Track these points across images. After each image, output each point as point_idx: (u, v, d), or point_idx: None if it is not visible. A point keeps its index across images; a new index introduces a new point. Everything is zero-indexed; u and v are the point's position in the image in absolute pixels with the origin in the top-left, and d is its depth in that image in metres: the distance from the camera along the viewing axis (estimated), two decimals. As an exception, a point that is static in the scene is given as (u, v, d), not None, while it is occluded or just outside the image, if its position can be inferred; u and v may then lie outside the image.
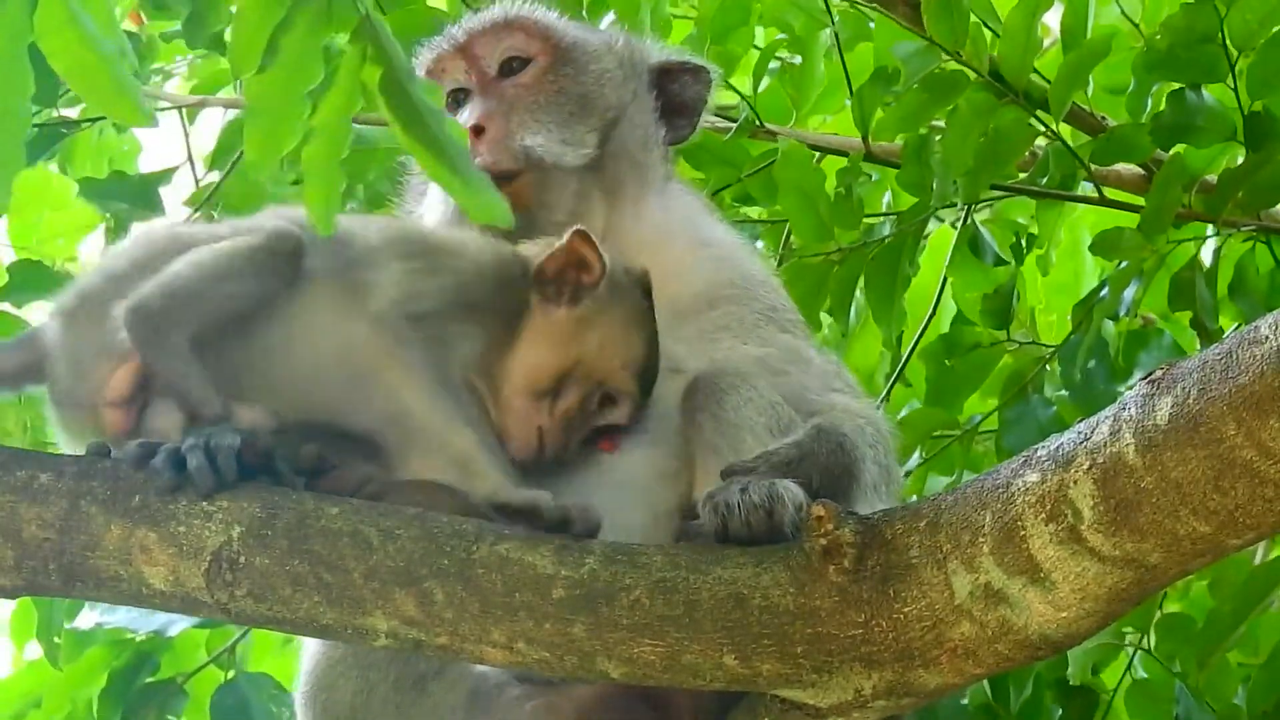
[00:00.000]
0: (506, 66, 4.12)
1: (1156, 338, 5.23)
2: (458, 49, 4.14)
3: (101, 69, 3.16)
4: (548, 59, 4.12)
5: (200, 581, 3.44)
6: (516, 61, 4.12)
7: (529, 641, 3.38)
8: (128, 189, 5.54)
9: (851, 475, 3.69)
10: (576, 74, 4.12)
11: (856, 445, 3.72)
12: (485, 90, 4.09)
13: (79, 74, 3.19)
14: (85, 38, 3.13)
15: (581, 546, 3.43)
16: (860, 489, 3.71)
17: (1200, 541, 3.21)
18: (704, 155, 5.39)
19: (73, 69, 3.19)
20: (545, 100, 4.07)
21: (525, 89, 4.08)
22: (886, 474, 3.86)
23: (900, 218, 5.30)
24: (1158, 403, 3.18)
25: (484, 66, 4.12)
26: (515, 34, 4.14)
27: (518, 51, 4.13)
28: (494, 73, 4.12)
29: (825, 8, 5.41)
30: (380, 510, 3.47)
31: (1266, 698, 4.88)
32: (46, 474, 3.49)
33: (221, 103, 5.95)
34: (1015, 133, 5.13)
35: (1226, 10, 4.93)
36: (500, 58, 4.12)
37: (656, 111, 4.21)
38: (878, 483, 3.79)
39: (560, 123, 4.05)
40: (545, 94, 4.08)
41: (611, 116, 4.12)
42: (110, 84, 3.16)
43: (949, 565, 3.31)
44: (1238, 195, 5.04)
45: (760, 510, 3.43)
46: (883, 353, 5.62)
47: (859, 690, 3.38)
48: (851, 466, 3.69)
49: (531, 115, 4.04)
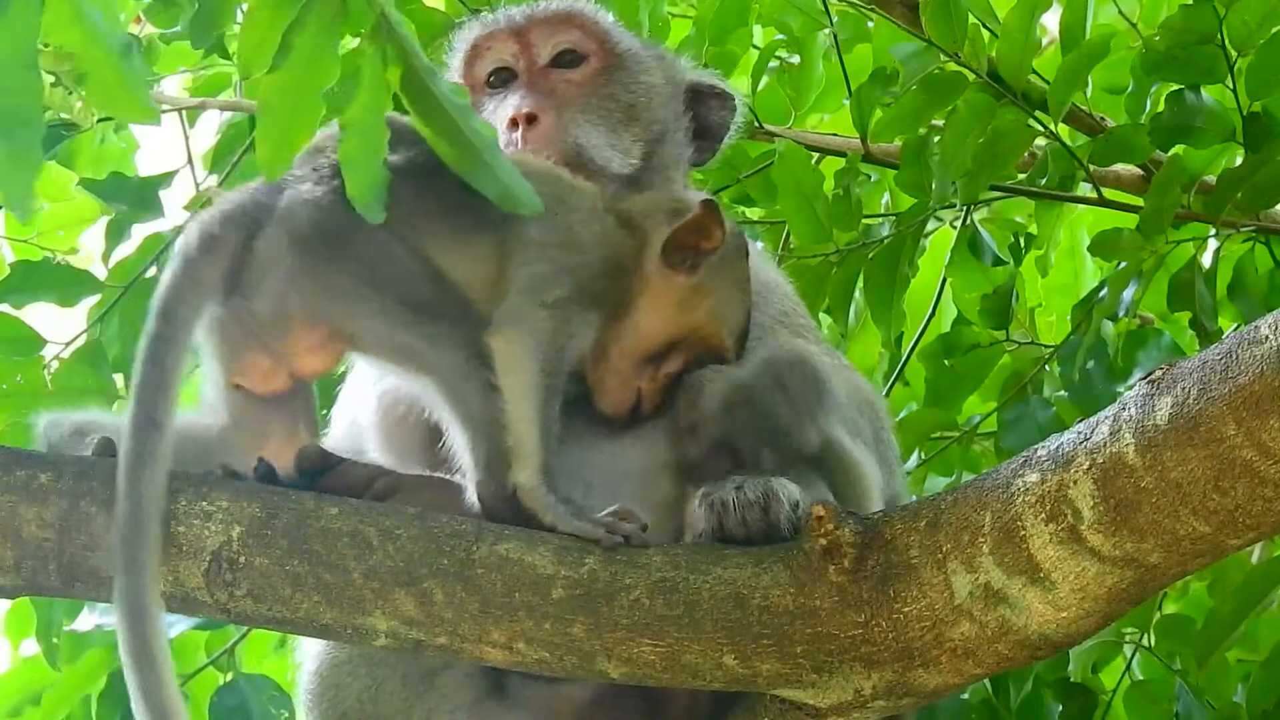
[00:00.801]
0: (559, 59, 4.11)
1: (1156, 338, 5.22)
2: (513, 30, 4.13)
3: (108, 66, 3.15)
4: (601, 61, 4.13)
5: (200, 581, 3.44)
6: (570, 56, 4.11)
7: (529, 641, 3.38)
8: (127, 191, 5.53)
9: (820, 398, 3.69)
10: (628, 82, 4.13)
11: (829, 377, 3.74)
12: (533, 78, 4.09)
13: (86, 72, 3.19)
14: (93, 35, 3.13)
15: (581, 546, 3.43)
16: (827, 416, 3.70)
17: (1200, 541, 3.21)
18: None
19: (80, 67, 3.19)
20: (597, 102, 4.07)
21: (576, 86, 4.08)
22: (878, 440, 3.86)
23: (899, 218, 5.30)
24: (1157, 403, 3.19)
25: (535, 54, 4.11)
26: (574, 29, 4.14)
27: (574, 46, 4.12)
28: (545, 62, 4.11)
29: (824, 8, 5.40)
30: (380, 510, 3.48)
31: (1266, 696, 4.88)
32: (46, 474, 3.49)
33: (221, 105, 5.95)
34: (1014, 133, 5.13)
35: (1226, 11, 4.92)
36: (555, 49, 4.11)
37: (689, 132, 4.23)
38: (861, 429, 3.78)
39: (610, 128, 4.05)
40: (597, 96, 4.08)
41: (657, 131, 4.13)
42: (117, 81, 3.16)
43: (949, 565, 3.32)
44: (1237, 196, 5.03)
45: (756, 507, 3.44)
46: (882, 353, 5.62)
47: (859, 690, 3.39)
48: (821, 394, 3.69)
49: (583, 115, 4.04)
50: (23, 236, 5.84)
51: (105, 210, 5.59)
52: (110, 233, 5.56)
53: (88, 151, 5.99)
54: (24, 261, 5.55)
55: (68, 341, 5.36)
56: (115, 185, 5.56)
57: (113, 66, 3.15)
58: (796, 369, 3.69)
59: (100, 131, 5.95)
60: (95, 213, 5.70)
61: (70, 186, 5.72)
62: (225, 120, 5.90)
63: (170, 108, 5.89)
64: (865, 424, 3.86)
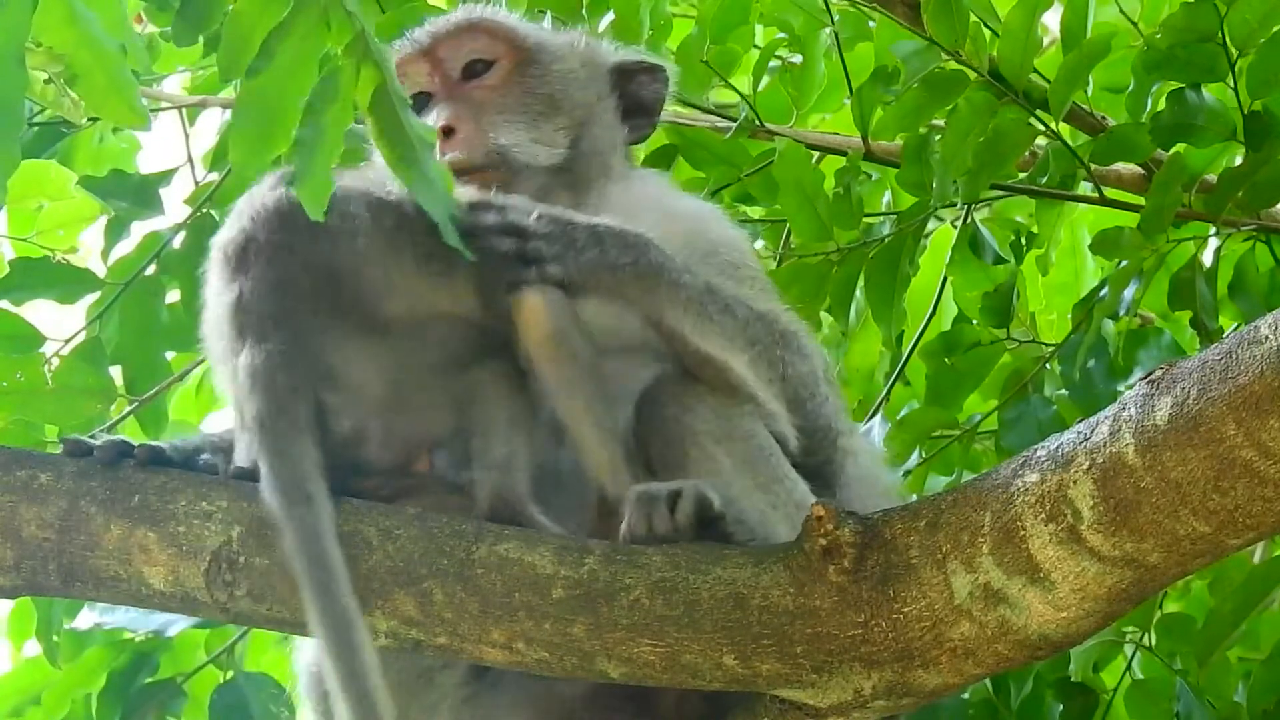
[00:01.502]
0: (470, 69, 4.10)
1: (1156, 337, 5.22)
2: (421, 52, 4.12)
3: (98, 69, 3.15)
4: (511, 61, 4.11)
5: (200, 581, 3.44)
6: (480, 64, 4.10)
7: (528, 641, 3.38)
8: (127, 189, 5.53)
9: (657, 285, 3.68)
10: (542, 75, 4.12)
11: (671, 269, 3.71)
12: (450, 93, 4.08)
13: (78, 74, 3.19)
14: (84, 37, 3.13)
15: (581, 546, 3.43)
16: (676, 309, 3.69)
17: (1200, 541, 3.21)
18: (704, 155, 5.39)
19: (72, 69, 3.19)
20: (513, 101, 4.07)
21: (491, 91, 4.08)
22: (771, 361, 3.78)
23: (900, 217, 5.29)
24: (1157, 403, 3.18)
25: (448, 70, 4.10)
26: (479, 36, 4.12)
27: (481, 54, 4.11)
28: (458, 76, 4.10)
29: (825, 7, 5.40)
30: (380, 510, 3.48)
31: (1267, 695, 4.88)
32: (46, 474, 3.49)
33: (221, 103, 5.95)
34: (1015, 132, 5.12)
35: (1226, 10, 4.92)
36: (464, 60, 4.10)
37: (618, 111, 4.21)
38: (734, 337, 3.73)
39: (530, 123, 4.05)
40: (512, 95, 4.07)
41: (580, 116, 4.12)
42: (108, 85, 3.16)
43: (948, 565, 3.31)
44: (1237, 195, 5.03)
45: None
46: (882, 352, 5.62)
47: (858, 690, 3.38)
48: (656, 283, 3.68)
49: (501, 116, 4.04)
50: (22, 234, 5.83)
51: (105, 208, 5.59)
52: (110, 231, 5.56)
53: (87, 150, 5.99)
54: (24, 259, 5.55)
55: (67, 339, 5.37)
56: (115, 183, 5.56)
57: (104, 70, 3.16)
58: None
59: (99, 130, 5.95)
60: (95, 211, 5.69)
61: (70, 185, 5.71)
62: (225, 118, 5.90)
63: (170, 106, 5.89)
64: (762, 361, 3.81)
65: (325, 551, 3.30)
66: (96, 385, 5.28)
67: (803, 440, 3.78)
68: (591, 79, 4.18)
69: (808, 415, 3.80)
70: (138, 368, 5.37)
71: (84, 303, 5.41)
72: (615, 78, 4.22)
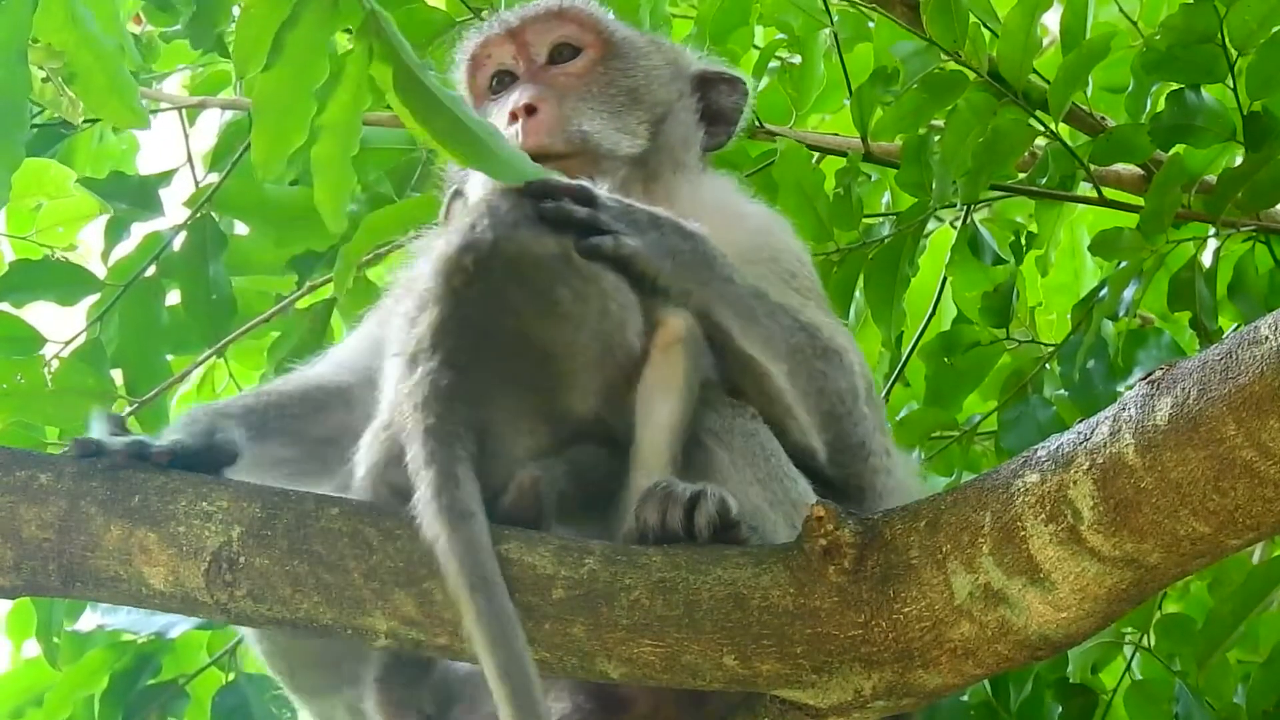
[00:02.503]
0: (556, 54, 4.17)
1: (1156, 338, 5.22)
2: (508, 33, 4.19)
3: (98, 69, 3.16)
4: (598, 51, 4.18)
5: (200, 582, 3.44)
6: (567, 50, 4.17)
7: (529, 642, 3.38)
8: (127, 190, 5.54)
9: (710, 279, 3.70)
10: (626, 68, 4.18)
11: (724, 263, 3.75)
12: (533, 76, 4.14)
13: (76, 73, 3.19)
14: (84, 38, 3.14)
15: (581, 546, 3.43)
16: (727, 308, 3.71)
17: (1200, 542, 3.21)
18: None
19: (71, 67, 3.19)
20: (597, 90, 4.12)
21: (575, 78, 4.14)
22: (811, 374, 3.80)
23: (900, 217, 5.30)
24: (1157, 403, 3.18)
25: (533, 53, 4.17)
26: (568, 24, 4.19)
27: (569, 39, 4.18)
28: (543, 60, 4.17)
29: (824, 8, 5.41)
30: (380, 510, 3.48)
31: (1266, 697, 4.88)
32: (46, 474, 3.49)
33: (221, 103, 5.95)
34: (1014, 133, 5.13)
35: (1226, 10, 4.92)
36: (551, 45, 4.17)
37: (698, 114, 4.26)
38: (773, 336, 3.76)
39: (613, 112, 4.11)
40: (597, 84, 4.13)
41: (660, 112, 4.18)
42: (107, 85, 3.16)
43: (949, 565, 3.31)
44: (1237, 195, 5.03)
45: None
46: (882, 352, 5.61)
47: (859, 690, 3.39)
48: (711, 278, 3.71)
49: (585, 103, 4.09)
50: (22, 233, 5.84)
51: (105, 208, 5.59)
52: (110, 231, 5.56)
53: (87, 150, 5.99)
54: (24, 260, 5.56)
55: (67, 341, 5.37)
56: (115, 184, 5.57)
57: (103, 70, 3.16)
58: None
59: (99, 130, 5.95)
60: (94, 209, 5.70)
61: (70, 184, 5.72)
62: (225, 119, 5.90)
63: (170, 106, 5.89)
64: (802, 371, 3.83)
65: (486, 564, 3.33)
66: (96, 387, 5.28)
67: (832, 455, 3.79)
68: (674, 79, 4.25)
69: (841, 432, 3.80)
70: (138, 369, 5.38)
71: (84, 304, 5.42)
72: (697, 83, 4.28)
